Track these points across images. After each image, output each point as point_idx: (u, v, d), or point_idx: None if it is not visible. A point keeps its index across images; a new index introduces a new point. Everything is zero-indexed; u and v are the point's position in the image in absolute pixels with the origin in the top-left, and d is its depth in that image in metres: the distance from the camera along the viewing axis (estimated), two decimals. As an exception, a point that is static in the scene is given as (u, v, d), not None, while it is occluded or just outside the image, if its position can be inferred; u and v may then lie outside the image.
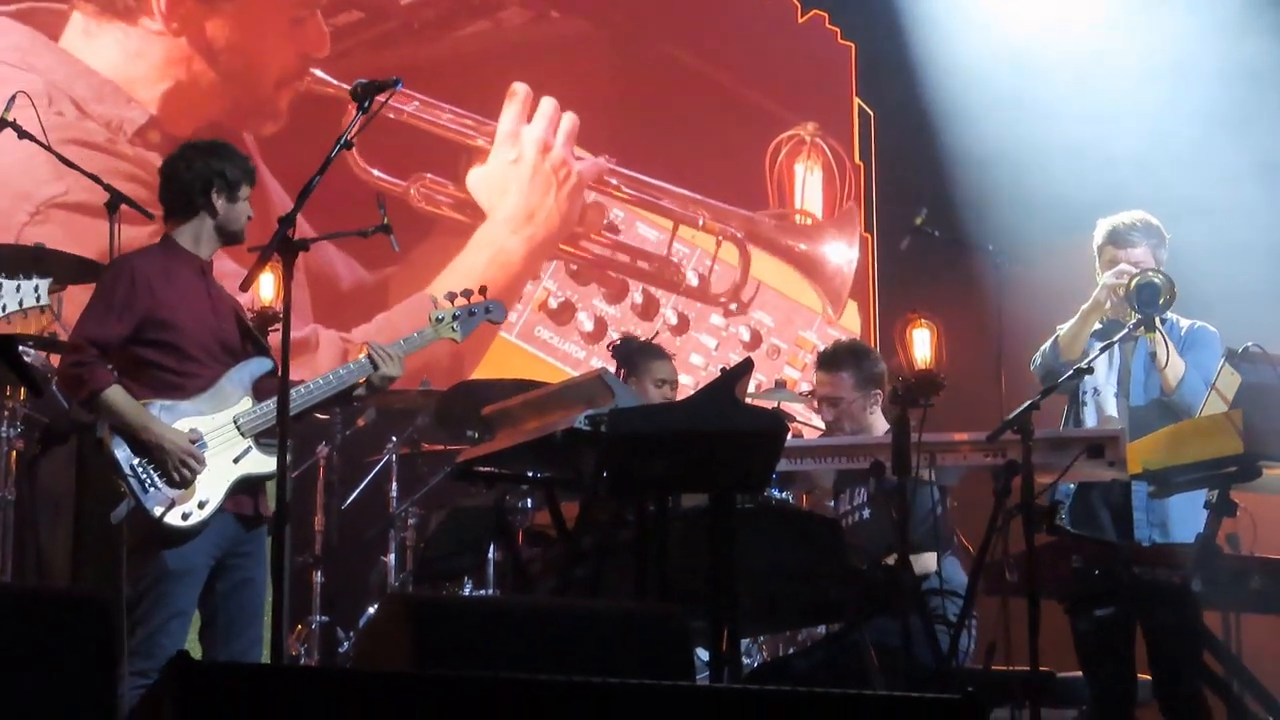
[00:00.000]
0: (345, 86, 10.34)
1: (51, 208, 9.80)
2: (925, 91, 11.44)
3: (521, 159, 11.30)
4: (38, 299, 6.03)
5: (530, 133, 11.30)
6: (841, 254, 11.95)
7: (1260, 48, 10.31)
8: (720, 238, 11.75)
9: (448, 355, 10.30)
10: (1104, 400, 7.12)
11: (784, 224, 11.99)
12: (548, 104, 11.32)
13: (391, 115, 10.72)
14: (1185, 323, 7.11)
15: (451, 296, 6.74)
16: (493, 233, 11.15)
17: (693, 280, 11.71)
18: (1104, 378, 7.09)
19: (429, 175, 11.12)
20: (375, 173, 10.78)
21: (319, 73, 10.84)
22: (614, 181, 11.58)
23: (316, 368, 9.65)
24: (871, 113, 12.11)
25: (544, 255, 11.37)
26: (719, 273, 11.76)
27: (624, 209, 11.62)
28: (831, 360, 7.83)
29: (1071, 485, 6.99)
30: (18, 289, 6.01)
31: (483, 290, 6.80)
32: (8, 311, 5.98)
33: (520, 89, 11.31)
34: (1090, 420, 7.13)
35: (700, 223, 11.74)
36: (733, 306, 11.73)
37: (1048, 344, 7.21)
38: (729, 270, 11.76)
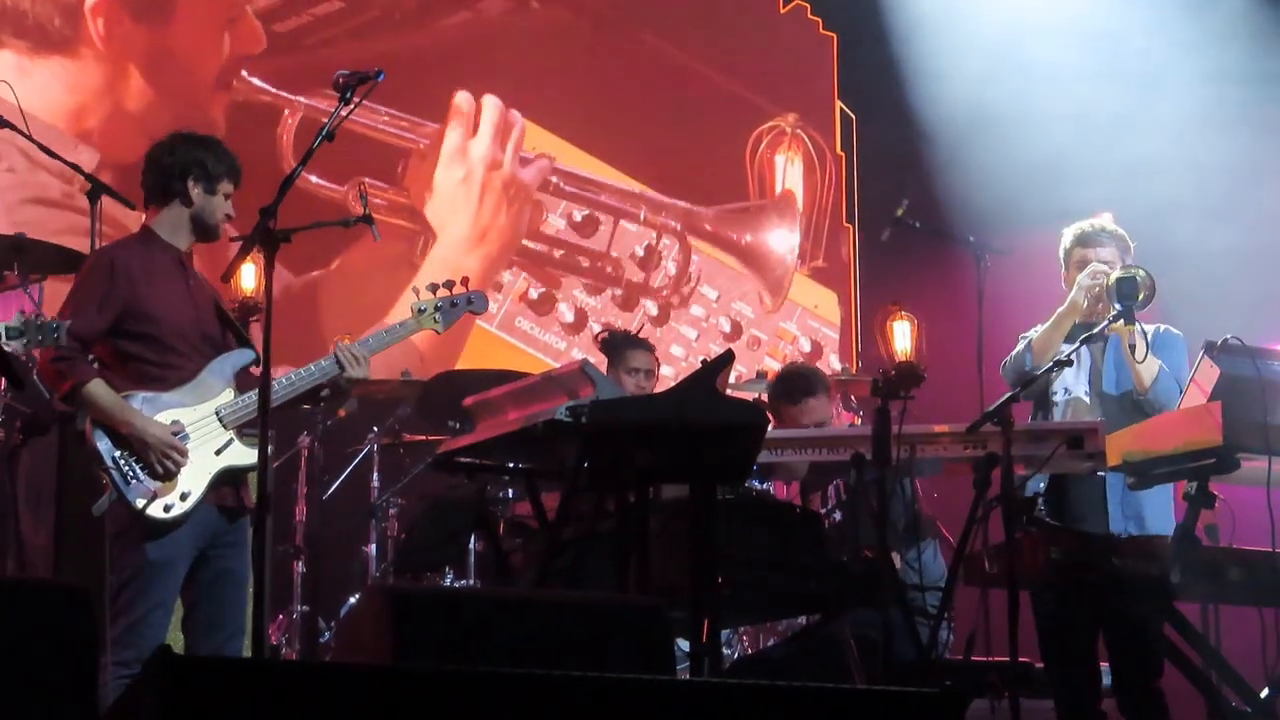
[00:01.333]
0: (282, 94, 10.39)
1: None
2: (907, 82, 11.44)
3: (470, 177, 11.23)
4: (56, 339, 6.08)
5: (476, 148, 11.23)
6: (783, 241, 11.92)
7: (1244, 49, 10.35)
8: (660, 232, 11.71)
9: (428, 346, 10.29)
10: (1075, 397, 7.14)
11: (723, 214, 11.93)
12: (492, 110, 11.23)
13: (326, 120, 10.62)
14: (1150, 327, 7.12)
15: (434, 288, 6.73)
16: (445, 255, 11.06)
17: (637, 276, 11.65)
18: (1073, 378, 7.11)
19: (366, 179, 11.05)
20: (313, 179, 10.68)
21: (256, 80, 10.76)
22: (555, 180, 11.53)
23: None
24: (854, 116, 12.11)
25: (498, 270, 11.30)
26: (665, 266, 11.71)
27: (541, 196, 11.55)
28: (808, 388, 7.83)
29: (1042, 482, 7.00)
30: (39, 327, 6.05)
31: (464, 281, 6.80)
32: (28, 346, 6.04)
33: (463, 100, 11.22)
34: (1062, 405, 7.15)
35: (641, 216, 11.70)
36: (674, 300, 11.68)
37: (1019, 348, 7.21)
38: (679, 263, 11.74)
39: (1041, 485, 6.94)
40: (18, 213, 9.12)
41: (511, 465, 6.74)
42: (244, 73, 10.76)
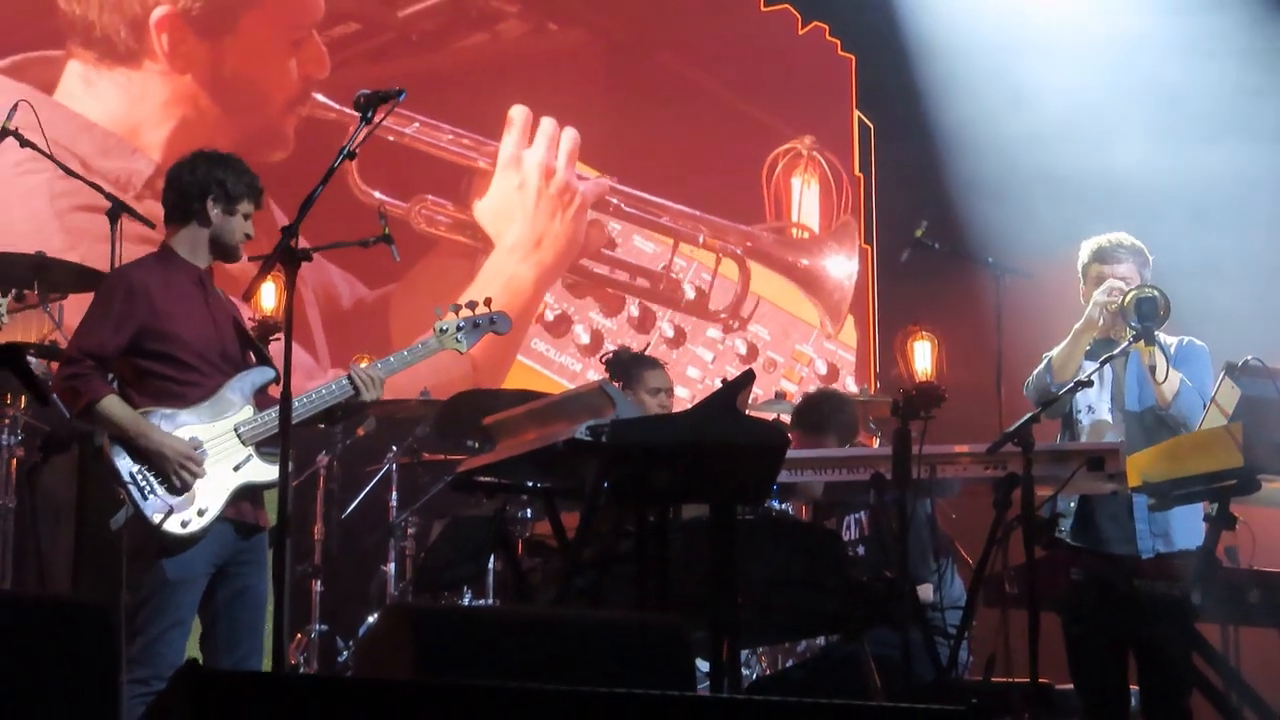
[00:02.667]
0: (348, 111, 10.46)
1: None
2: (925, 104, 11.44)
3: (525, 184, 11.31)
4: None
5: (532, 157, 11.31)
6: (841, 268, 11.96)
7: (1257, 60, 10.38)
8: (720, 254, 11.76)
9: (462, 372, 10.38)
10: (1098, 415, 7.12)
11: (784, 239, 11.99)
12: (548, 125, 11.32)
13: (392, 138, 10.78)
14: (1173, 340, 7.11)
15: (456, 308, 6.72)
16: (501, 261, 11.16)
17: (691, 295, 11.72)
18: (1096, 395, 7.09)
19: (430, 197, 11.13)
20: (376, 194, 10.78)
21: (321, 97, 10.85)
22: (615, 201, 11.58)
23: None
24: (871, 125, 12.11)
25: (552, 279, 11.39)
26: (718, 289, 11.77)
27: (620, 222, 11.63)
28: (815, 424, 7.80)
29: (1073, 501, 6.99)
30: None
31: (488, 302, 6.79)
32: None
33: (519, 113, 11.31)
34: (1085, 439, 7.12)
35: (700, 239, 11.74)
36: (733, 324, 11.73)
37: (1040, 367, 7.20)
38: (728, 286, 11.77)
39: (1071, 504, 6.93)
40: (68, 219, 9.18)
41: (531, 484, 6.73)
42: (318, 96, 10.84)
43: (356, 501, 9.57)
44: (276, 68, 10.89)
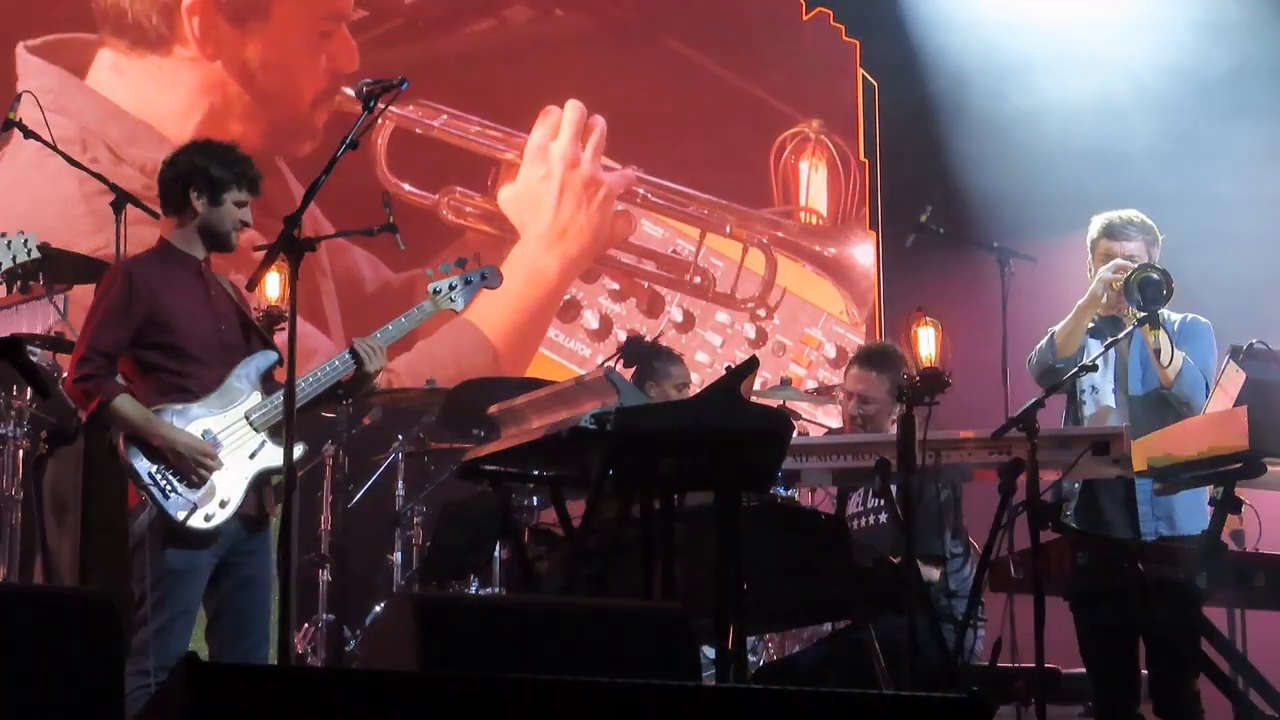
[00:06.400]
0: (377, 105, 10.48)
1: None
2: (930, 89, 11.43)
3: (550, 175, 11.31)
4: (29, 253, 6.02)
5: (557, 148, 11.31)
6: (867, 255, 11.97)
7: (1265, 46, 10.37)
8: (747, 244, 11.76)
9: (485, 360, 10.42)
10: (1102, 397, 7.11)
11: (809, 228, 11.99)
12: (573, 113, 11.32)
13: (419, 130, 10.79)
14: (1176, 316, 7.09)
15: (447, 266, 6.71)
16: (526, 253, 11.17)
17: (721, 287, 11.72)
18: (1100, 377, 7.07)
19: (458, 188, 11.14)
20: (405, 186, 10.81)
21: (350, 91, 10.86)
22: (641, 191, 11.59)
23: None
24: (875, 83, 12.08)
25: (577, 270, 11.40)
26: (744, 278, 11.76)
27: (629, 207, 11.62)
28: (875, 360, 7.78)
29: (1077, 484, 6.98)
30: (8, 245, 6.02)
31: (477, 257, 6.78)
32: (1, 269, 5.99)
33: (552, 110, 11.33)
34: (1088, 422, 7.11)
35: (727, 229, 11.75)
36: (760, 312, 11.74)
37: (1043, 342, 7.18)
38: (752, 275, 11.76)
39: (1075, 486, 6.93)
40: (96, 201, 9.18)
41: (536, 473, 6.74)
42: (347, 89, 10.85)
43: (363, 491, 9.57)
44: (306, 59, 10.91)
